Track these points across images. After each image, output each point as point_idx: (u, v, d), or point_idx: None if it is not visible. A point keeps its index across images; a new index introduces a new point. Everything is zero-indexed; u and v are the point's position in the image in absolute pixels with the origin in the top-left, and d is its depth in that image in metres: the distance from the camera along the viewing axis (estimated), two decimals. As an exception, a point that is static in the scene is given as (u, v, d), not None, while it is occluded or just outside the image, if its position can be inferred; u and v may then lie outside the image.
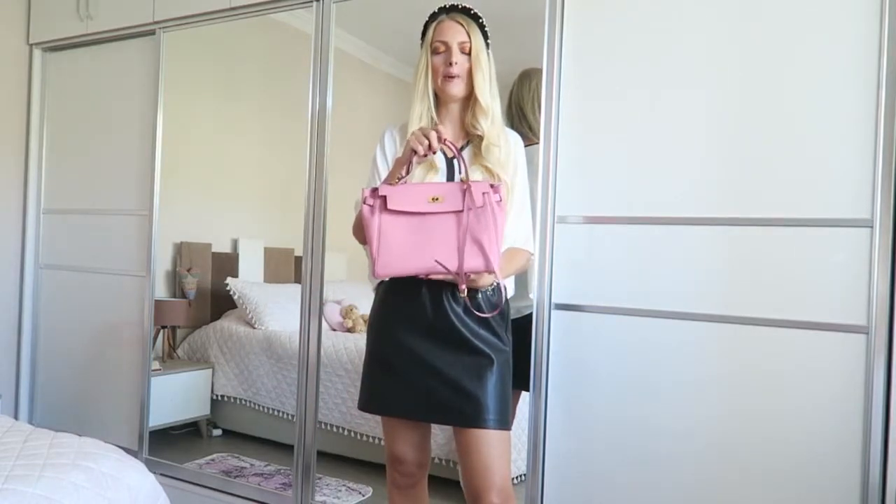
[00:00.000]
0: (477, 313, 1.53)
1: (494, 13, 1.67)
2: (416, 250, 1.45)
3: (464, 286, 1.45)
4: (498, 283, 1.61)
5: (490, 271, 1.45)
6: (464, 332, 1.54)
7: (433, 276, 1.48)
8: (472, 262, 1.44)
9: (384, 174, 1.64)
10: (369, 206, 1.47)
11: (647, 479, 1.76)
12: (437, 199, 1.47)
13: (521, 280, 1.84)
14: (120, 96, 2.82)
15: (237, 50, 3.07)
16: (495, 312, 1.55)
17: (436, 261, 1.43)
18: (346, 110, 2.41)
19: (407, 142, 1.54)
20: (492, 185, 1.48)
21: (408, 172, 1.52)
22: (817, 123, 1.61)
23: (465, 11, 1.63)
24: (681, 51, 1.76)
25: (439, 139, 1.48)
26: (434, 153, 1.51)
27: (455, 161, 1.59)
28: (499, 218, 1.46)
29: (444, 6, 1.65)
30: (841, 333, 1.57)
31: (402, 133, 1.66)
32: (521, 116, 1.99)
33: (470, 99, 1.63)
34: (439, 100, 1.66)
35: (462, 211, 1.45)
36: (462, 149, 1.65)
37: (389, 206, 1.46)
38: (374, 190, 1.49)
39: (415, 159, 1.50)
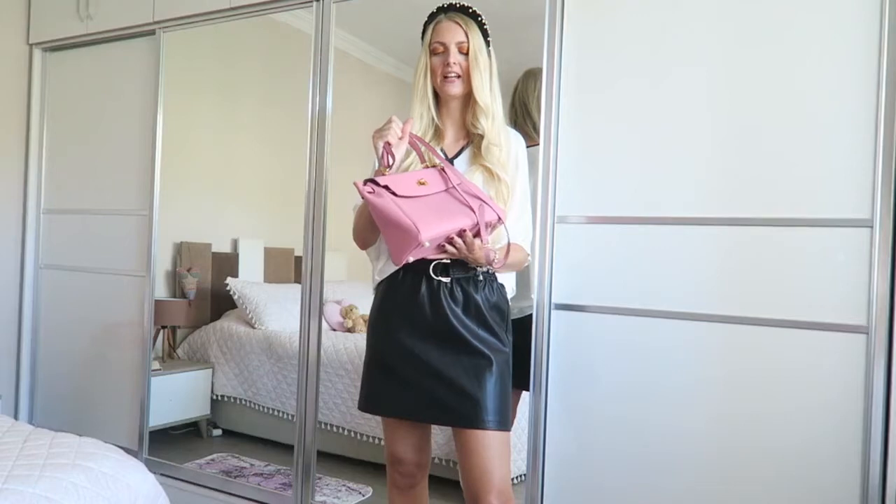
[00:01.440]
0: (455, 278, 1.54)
1: (494, 12, 1.67)
2: (439, 215, 1.46)
3: (488, 229, 1.49)
4: (499, 285, 1.61)
5: (501, 221, 1.50)
6: (463, 333, 1.54)
7: (457, 241, 1.47)
8: (486, 214, 1.48)
9: None
10: (370, 192, 1.47)
11: (648, 478, 1.76)
12: (423, 182, 1.50)
13: (524, 280, 1.84)
14: (120, 96, 2.82)
15: (237, 50, 3.07)
16: (495, 266, 1.54)
17: (468, 205, 1.46)
18: (346, 110, 2.41)
19: (373, 141, 1.56)
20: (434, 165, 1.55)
21: (388, 165, 1.53)
22: (817, 123, 1.61)
23: (464, 10, 1.62)
24: (681, 52, 1.76)
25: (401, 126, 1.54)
26: (403, 139, 1.55)
27: (450, 159, 1.61)
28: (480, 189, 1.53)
29: (443, 6, 1.64)
30: (841, 333, 1.57)
31: None
32: (525, 114, 1.99)
33: (468, 98, 1.63)
34: (440, 99, 1.66)
35: (447, 189, 1.50)
36: (463, 149, 1.66)
37: (397, 192, 1.47)
38: (371, 180, 1.49)
39: (394, 150, 1.53)
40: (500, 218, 1.50)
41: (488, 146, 1.60)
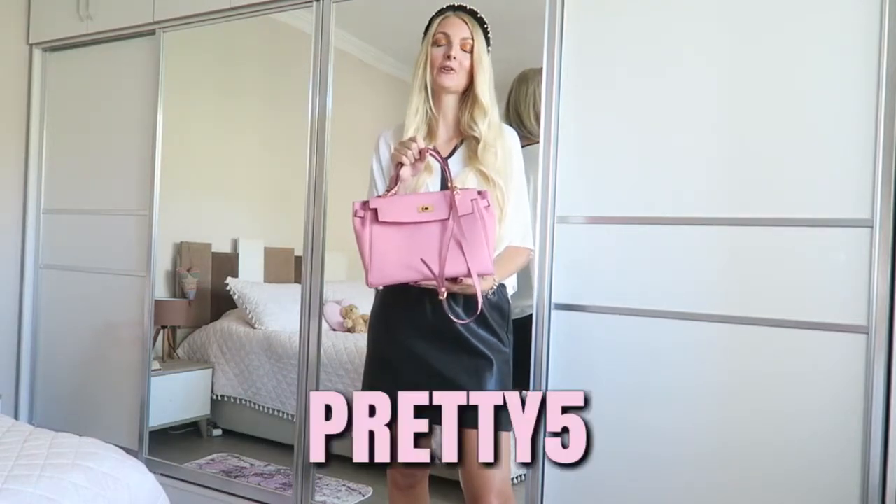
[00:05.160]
0: (454, 319, 1.50)
1: (494, 12, 1.67)
2: (406, 259, 1.46)
3: (443, 289, 1.45)
4: (499, 286, 1.61)
5: (468, 276, 1.44)
6: (463, 333, 1.54)
7: (423, 285, 1.48)
8: (453, 267, 1.45)
9: (380, 182, 1.65)
10: (360, 217, 1.49)
11: (647, 478, 1.76)
12: (426, 208, 1.47)
13: (527, 279, 1.84)
14: (120, 96, 2.82)
15: (237, 50, 3.07)
16: (470, 320, 1.52)
17: (421, 259, 1.45)
18: (346, 110, 2.41)
19: (392, 156, 1.55)
20: (479, 192, 1.48)
21: (396, 183, 1.52)
22: (817, 123, 1.61)
23: (472, 14, 1.64)
24: (681, 51, 1.76)
25: (420, 150, 1.50)
26: (422, 160, 1.52)
27: (446, 173, 1.59)
28: (488, 223, 1.46)
29: (452, 5, 1.66)
30: (841, 333, 1.57)
31: (396, 135, 1.66)
32: (518, 121, 1.99)
33: (466, 97, 1.63)
34: (435, 94, 1.65)
35: (444, 220, 1.46)
36: (456, 148, 1.65)
37: (381, 218, 1.47)
38: (364, 203, 1.50)
39: (402, 171, 1.51)
40: (468, 272, 1.44)
41: (484, 149, 1.59)
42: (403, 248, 1.47)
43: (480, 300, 1.46)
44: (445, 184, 1.55)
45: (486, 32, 1.64)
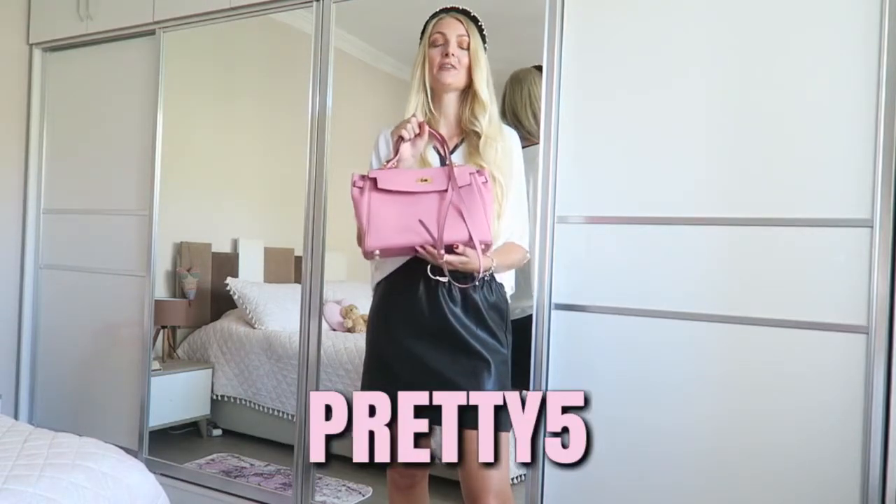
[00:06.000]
0: (455, 283, 1.52)
1: (494, 12, 1.68)
2: (405, 223, 1.48)
3: (442, 251, 1.46)
4: (497, 285, 1.61)
5: (470, 244, 1.46)
6: (461, 333, 1.54)
7: (421, 254, 1.48)
8: (454, 233, 1.46)
9: None
10: (359, 188, 1.50)
11: (647, 478, 1.76)
12: (425, 180, 1.50)
13: (526, 279, 1.84)
14: (120, 96, 2.82)
15: (237, 50, 3.07)
16: (468, 285, 1.53)
17: (419, 220, 1.46)
18: (346, 110, 2.41)
19: (392, 133, 1.58)
20: (477, 170, 1.51)
21: (395, 155, 1.54)
22: (817, 123, 1.61)
23: (466, 13, 1.65)
24: (681, 50, 1.76)
25: (419, 124, 1.53)
26: (422, 136, 1.54)
27: (445, 154, 1.61)
28: (485, 196, 1.49)
29: (446, 7, 1.67)
30: (841, 333, 1.57)
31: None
32: (516, 122, 1.99)
33: (466, 94, 1.64)
34: (435, 93, 1.66)
35: (443, 190, 1.49)
36: (457, 146, 1.66)
37: (380, 185, 1.49)
38: (363, 175, 1.52)
39: (402, 146, 1.53)
40: (470, 238, 1.46)
41: (486, 144, 1.60)
42: (402, 214, 1.48)
43: (482, 270, 1.47)
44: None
45: (480, 31, 1.65)
